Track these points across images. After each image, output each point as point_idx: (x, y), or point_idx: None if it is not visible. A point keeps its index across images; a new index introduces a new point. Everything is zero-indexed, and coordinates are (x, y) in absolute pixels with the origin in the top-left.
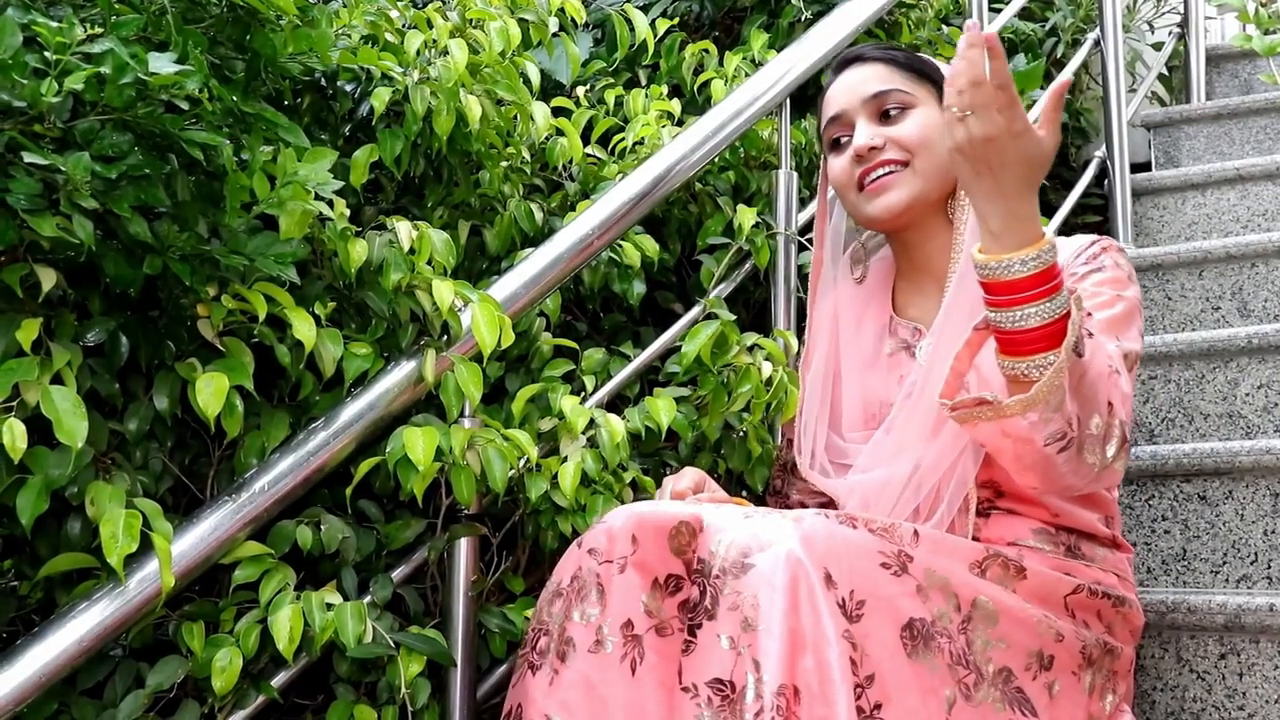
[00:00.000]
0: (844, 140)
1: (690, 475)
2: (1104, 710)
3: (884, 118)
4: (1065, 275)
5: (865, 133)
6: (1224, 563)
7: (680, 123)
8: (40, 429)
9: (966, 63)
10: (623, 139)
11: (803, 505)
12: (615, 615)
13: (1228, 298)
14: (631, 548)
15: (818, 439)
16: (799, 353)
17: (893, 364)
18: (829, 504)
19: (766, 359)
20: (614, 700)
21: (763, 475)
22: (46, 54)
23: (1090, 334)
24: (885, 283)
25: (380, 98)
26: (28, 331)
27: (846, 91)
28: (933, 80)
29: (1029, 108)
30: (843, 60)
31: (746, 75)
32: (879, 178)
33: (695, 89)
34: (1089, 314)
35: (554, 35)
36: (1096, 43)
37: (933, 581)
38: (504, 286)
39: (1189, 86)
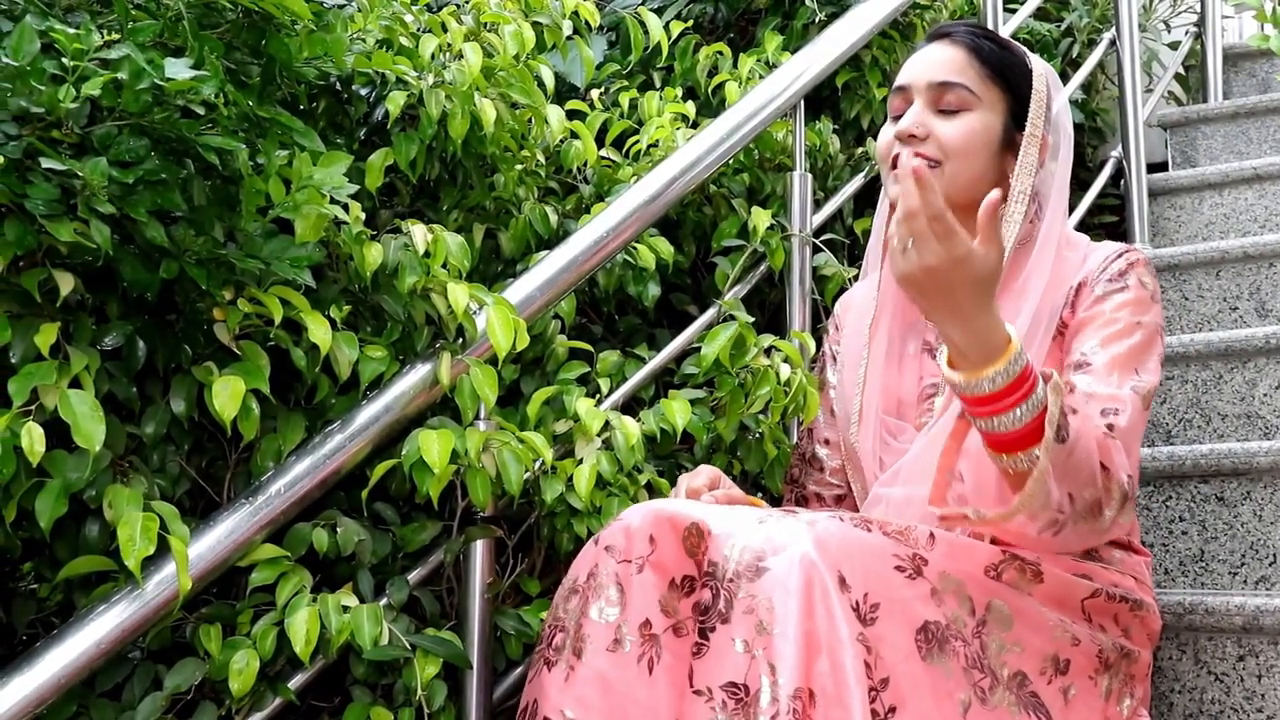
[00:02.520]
0: (899, 113)
1: (705, 473)
2: (1121, 714)
3: (940, 109)
4: (1086, 291)
5: (914, 117)
6: (1242, 564)
7: (695, 125)
8: (58, 432)
9: (902, 195)
10: (637, 141)
11: (818, 496)
12: (634, 615)
13: (1245, 298)
14: (649, 547)
15: (875, 423)
16: (815, 355)
17: (914, 363)
18: (844, 497)
19: (784, 361)
20: (630, 698)
21: (780, 477)
22: (64, 60)
23: (1074, 410)
24: None
25: (395, 101)
26: (46, 336)
27: (919, 68)
28: (1009, 83)
29: None
30: (934, 32)
31: (761, 77)
32: None
33: (709, 91)
34: (1100, 347)
35: (568, 38)
36: (1112, 43)
37: (947, 585)
38: (519, 289)
39: (1206, 86)
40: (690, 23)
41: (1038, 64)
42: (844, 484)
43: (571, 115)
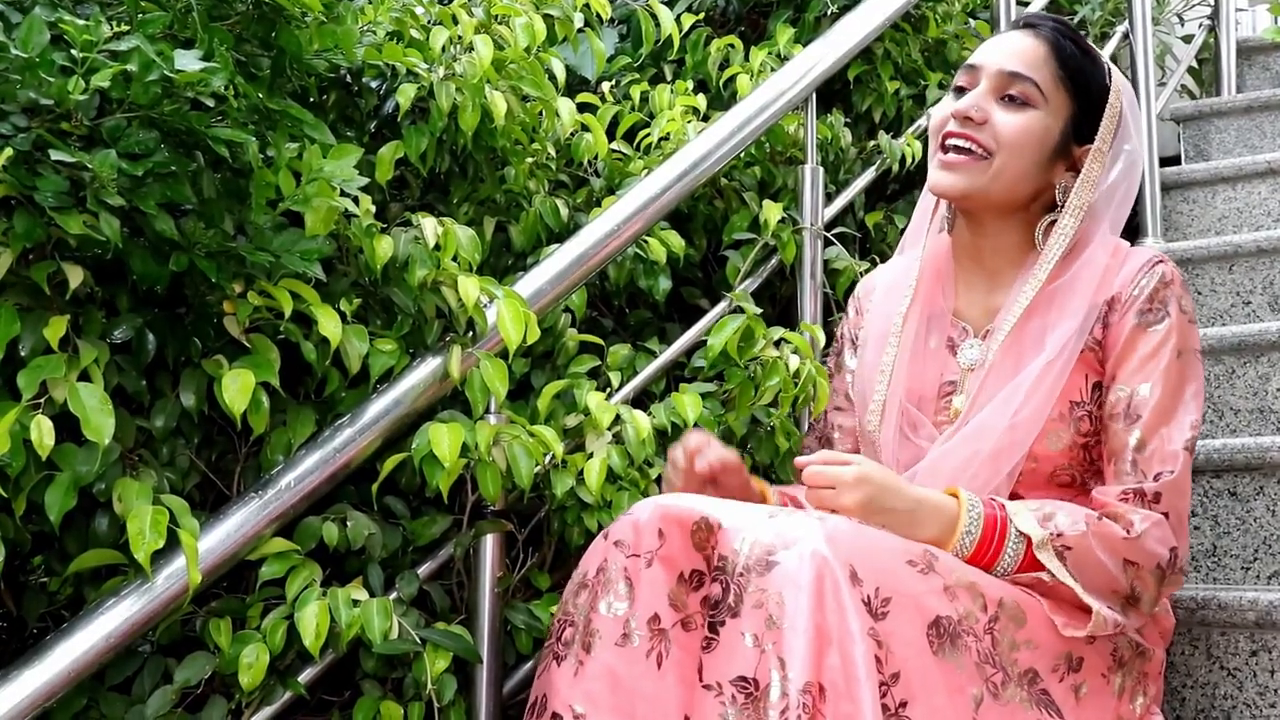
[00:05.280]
0: (963, 90)
1: (695, 436)
2: (1134, 712)
3: (1004, 98)
4: (1119, 310)
5: (975, 99)
6: (1255, 559)
7: (706, 118)
8: (68, 426)
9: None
10: (648, 134)
11: None
12: (643, 609)
13: (1259, 292)
14: (658, 542)
15: (898, 415)
16: (830, 342)
17: (936, 358)
18: None
19: (794, 353)
20: (639, 693)
21: (791, 469)
22: (73, 52)
23: (1075, 541)
24: (947, 267)
25: (405, 94)
26: (55, 329)
27: (996, 51)
28: (1079, 92)
29: None
30: (1023, 19)
31: (772, 70)
32: (955, 149)
33: (721, 84)
34: (1133, 392)
35: (579, 31)
36: (1125, 36)
37: (960, 580)
38: (529, 283)
39: (1219, 79)
40: (702, 15)
41: (1118, 78)
42: None
43: (582, 108)
